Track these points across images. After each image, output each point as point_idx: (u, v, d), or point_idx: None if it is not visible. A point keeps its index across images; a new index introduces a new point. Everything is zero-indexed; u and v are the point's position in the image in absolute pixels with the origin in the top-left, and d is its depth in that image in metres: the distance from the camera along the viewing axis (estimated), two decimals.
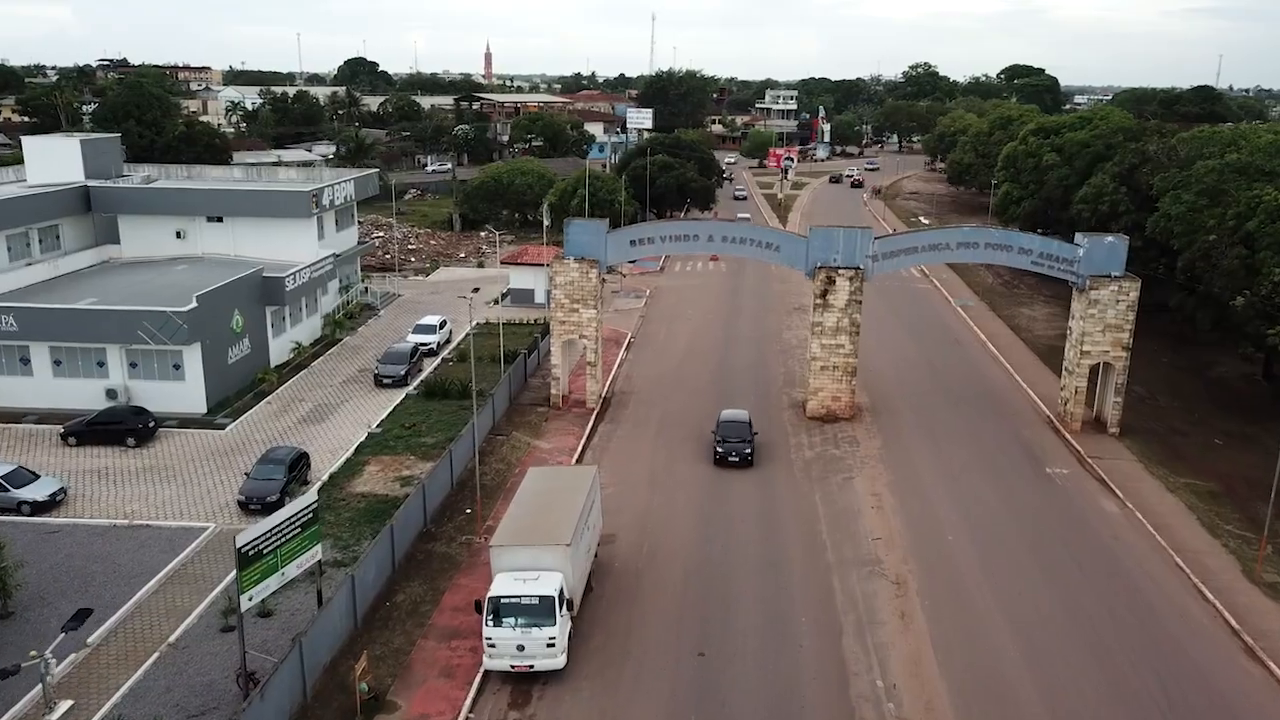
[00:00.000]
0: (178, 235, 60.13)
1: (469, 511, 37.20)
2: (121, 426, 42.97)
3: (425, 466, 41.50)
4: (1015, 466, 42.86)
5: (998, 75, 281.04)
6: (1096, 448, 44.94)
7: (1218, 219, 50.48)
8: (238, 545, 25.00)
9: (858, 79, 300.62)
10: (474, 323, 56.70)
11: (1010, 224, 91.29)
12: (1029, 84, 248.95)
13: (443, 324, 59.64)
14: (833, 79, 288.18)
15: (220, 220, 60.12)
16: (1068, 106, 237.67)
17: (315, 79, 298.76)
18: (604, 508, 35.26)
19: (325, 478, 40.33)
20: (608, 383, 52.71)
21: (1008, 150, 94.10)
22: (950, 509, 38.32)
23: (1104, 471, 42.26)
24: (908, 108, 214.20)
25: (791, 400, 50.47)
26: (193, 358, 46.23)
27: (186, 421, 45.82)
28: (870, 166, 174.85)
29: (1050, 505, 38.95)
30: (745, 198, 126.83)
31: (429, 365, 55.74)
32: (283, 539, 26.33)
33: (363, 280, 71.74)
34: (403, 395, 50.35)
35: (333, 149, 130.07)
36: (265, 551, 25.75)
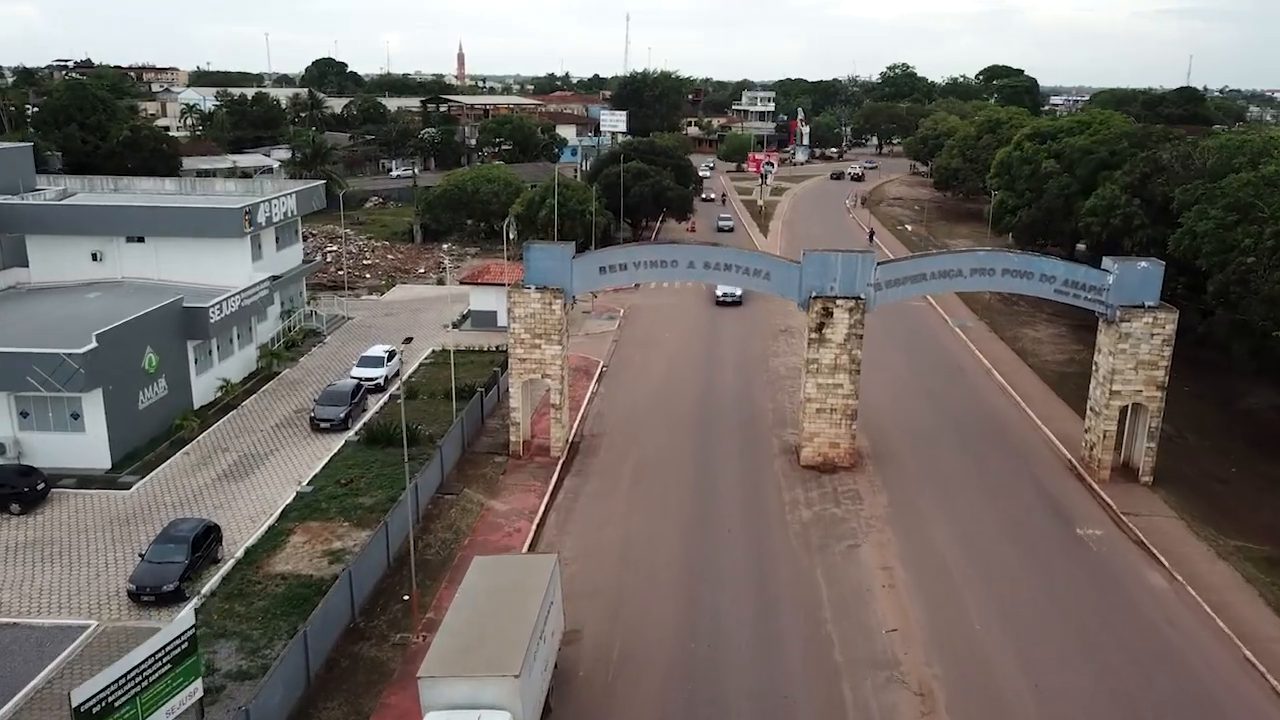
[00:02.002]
0: (94, 257, 53.67)
1: (406, 598, 31.23)
2: (3, 490, 36.64)
3: (360, 536, 35.55)
4: (1042, 527, 37.39)
5: (976, 76, 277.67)
6: (1129, 501, 39.58)
7: (1254, 238, 45.34)
8: (74, 703, 18.96)
9: (834, 80, 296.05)
10: (431, 350, 50.98)
11: (1004, 235, 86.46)
12: (1008, 85, 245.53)
13: (391, 355, 53.46)
14: (809, 80, 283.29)
15: (142, 240, 53.71)
16: (1045, 108, 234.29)
17: (284, 80, 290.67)
18: (568, 590, 29.54)
19: (241, 553, 34.19)
20: (575, 423, 46.85)
21: (1002, 156, 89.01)
22: (975, 587, 32.76)
23: (1142, 533, 36.88)
24: (887, 109, 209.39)
25: (783, 444, 44.80)
26: (93, 405, 39.93)
27: (86, 479, 39.52)
28: (869, 165, 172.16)
29: (1089, 579, 33.45)
30: (731, 228, 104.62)
31: (376, 403, 49.66)
32: (143, 683, 20.30)
33: (309, 302, 65.43)
34: (342, 442, 44.27)
35: (289, 154, 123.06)
36: (118, 704, 19.71)
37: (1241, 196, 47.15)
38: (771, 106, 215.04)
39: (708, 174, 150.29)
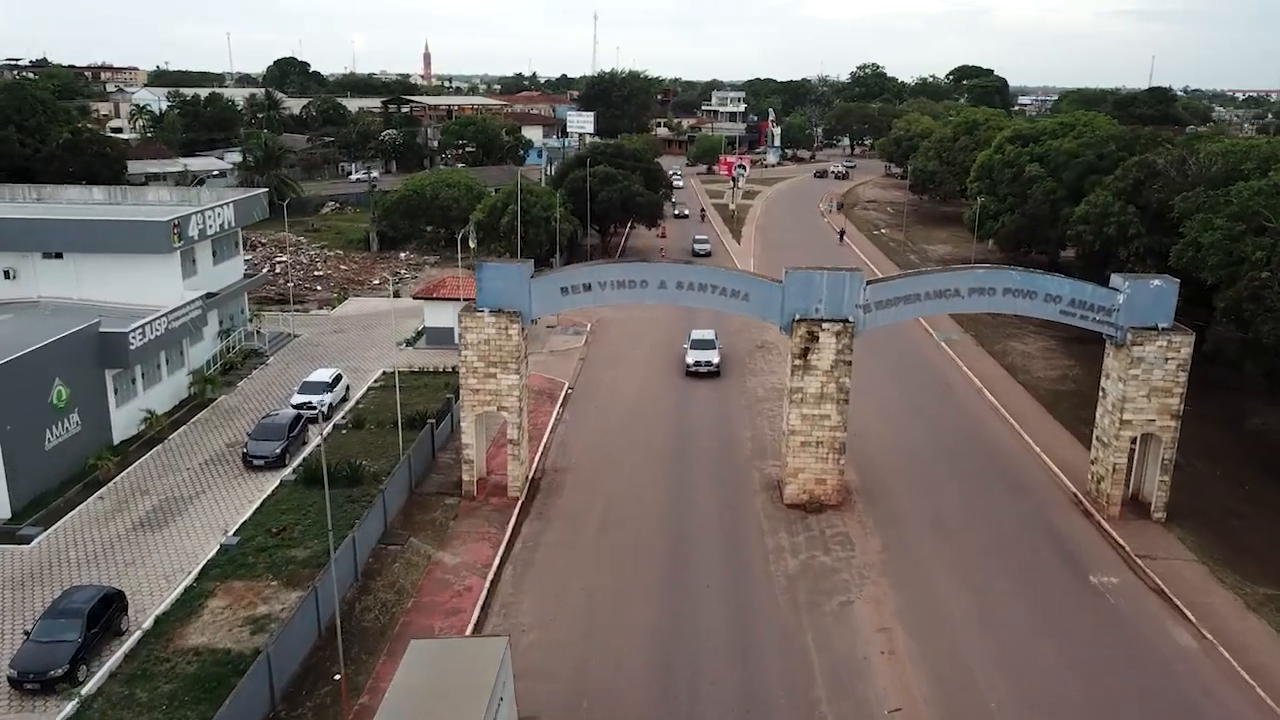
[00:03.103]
0: (6, 275, 48.90)
1: (337, 678, 27.03)
2: None
3: (290, 598, 31.36)
4: (1052, 575, 33.81)
5: (946, 76, 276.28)
6: (1143, 542, 36.13)
7: (1266, 251, 42.16)
8: None
9: (804, 79, 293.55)
10: (382, 371, 46.77)
11: (984, 241, 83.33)
12: (979, 85, 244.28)
13: (336, 380, 49.14)
14: (779, 79, 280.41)
15: (60, 257, 49.00)
16: (1015, 108, 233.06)
17: (247, 79, 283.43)
18: (523, 668, 25.77)
19: (149, 623, 29.84)
20: (537, 457, 42.79)
21: (982, 159, 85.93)
22: (984, 652, 29.07)
23: (1162, 579, 33.42)
24: (859, 109, 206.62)
25: (764, 479, 40.98)
26: None
27: None
28: (849, 165, 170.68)
29: (1112, 641, 29.87)
30: (708, 253, 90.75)
31: (321, 432, 45.19)
32: None
33: (251, 319, 60.80)
34: (277, 481, 39.90)
35: (243, 156, 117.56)
36: None
37: (1252, 205, 43.99)
38: (742, 107, 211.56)
39: (679, 184, 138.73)
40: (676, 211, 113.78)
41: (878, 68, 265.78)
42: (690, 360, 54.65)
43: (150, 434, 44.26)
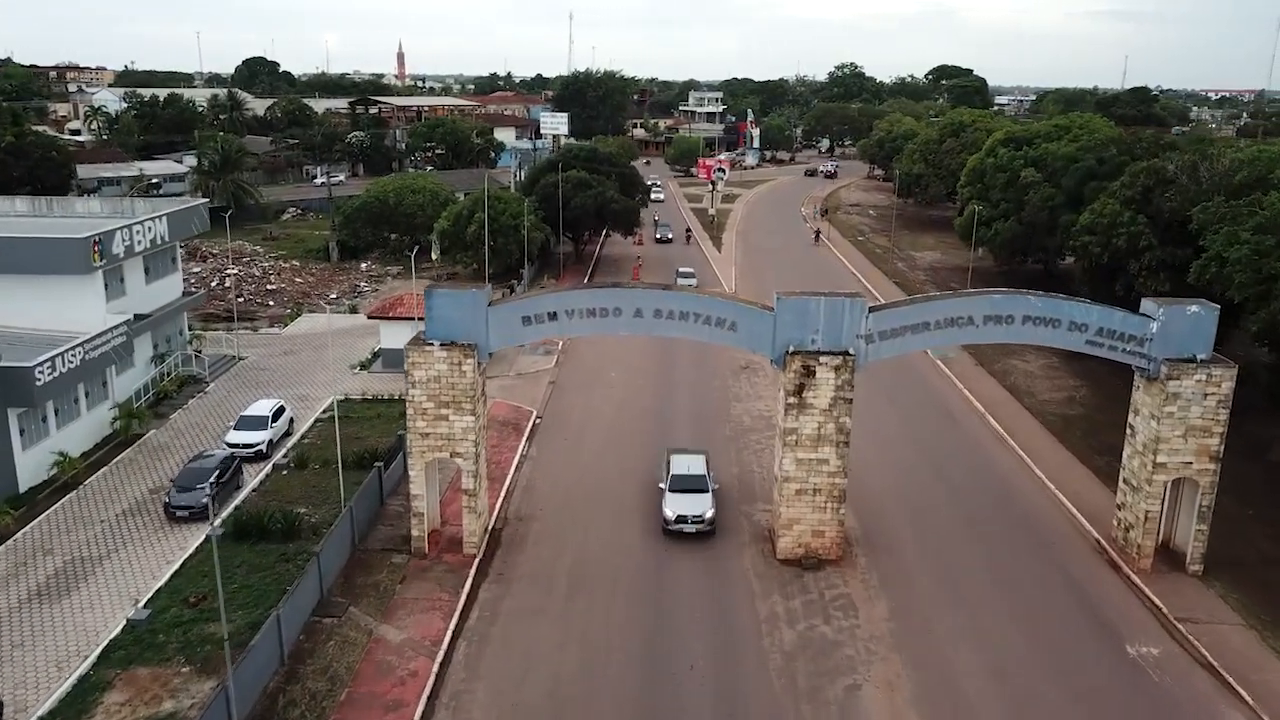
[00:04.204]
0: None
1: None
2: None
3: (204, 689, 26.70)
4: (1085, 645, 29.64)
5: (925, 76, 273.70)
6: (1182, 601, 32.04)
7: None
8: None
9: (781, 79, 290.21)
10: (333, 399, 42.03)
11: (975, 249, 79.43)
12: (958, 85, 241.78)
13: (278, 413, 44.36)
14: (756, 79, 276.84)
15: None
16: (995, 108, 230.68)
17: (216, 79, 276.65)
18: None
19: None
20: (499, 502, 38.24)
21: (973, 163, 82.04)
22: None
23: (1209, 650, 29.31)
24: (839, 110, 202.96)
25: (754, 528, 36.60)
26: None
27: None
28: (835, 165, 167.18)
29: None
30: (694, 285, 71.13)
31: (258, 474, 40.55)
32: None
33: (191, 341, 55.84)
34: (202, 536, 35.10)
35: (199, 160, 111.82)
36: None
37: None
38: (720, 107, 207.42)
39: (659, 194, 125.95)
40: (659, 234, 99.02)
41: (856, 67, 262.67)
42: (670, 512, 35.38)
43: (63, 479, 39.31)
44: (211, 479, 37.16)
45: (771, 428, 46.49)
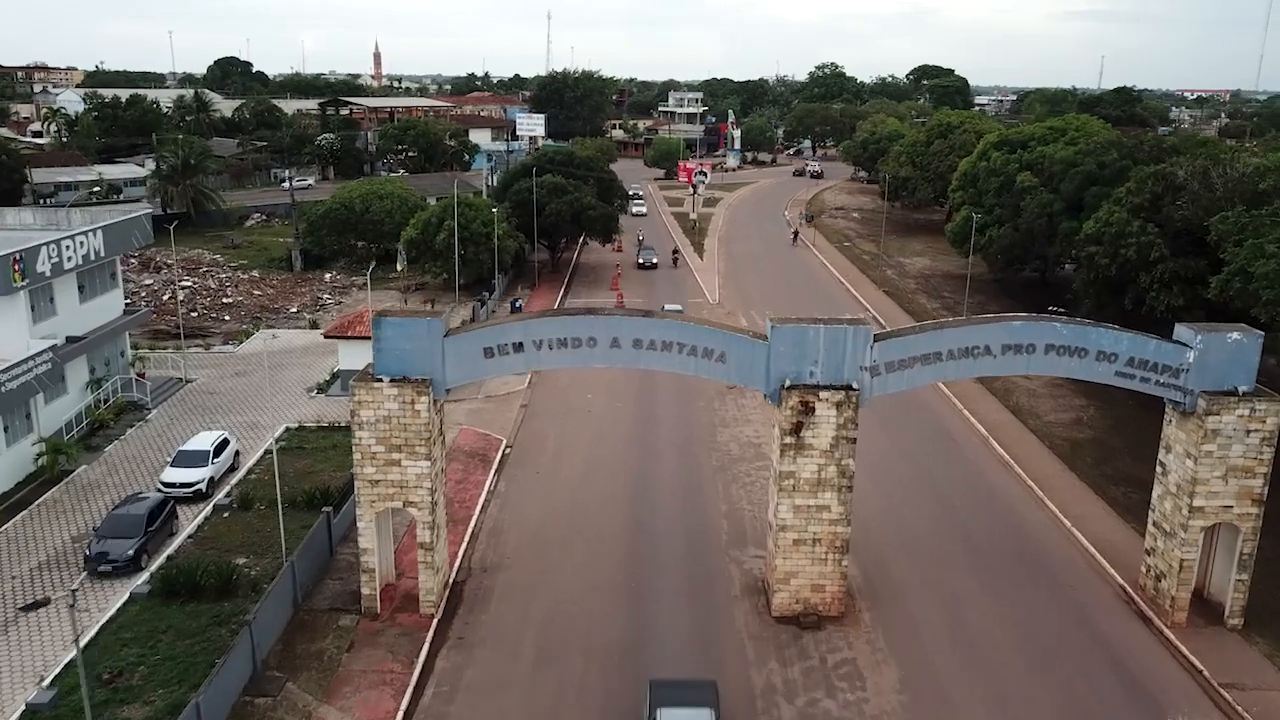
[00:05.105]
0: None
1: None
2: None
3: None
4: (1121, 717, 26.25)
5: (907, 76, 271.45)
6: (1223, 661, 28.72)
7: None
8: None
9: (761, 79, 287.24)
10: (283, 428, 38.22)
11: (967, 256, 76.21)
12: (939, 85, 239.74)
13: (222, 445, 40.38)
14: (736, 80, 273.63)
15: None
16: (975, 107, 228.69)
17: (189, 80, 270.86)
18: None
19: None
20: (462, 549, 34.50)
21: (965, 166, 78.92)
22: None
23: None
24: (820, 110, 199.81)
25: (745, 578, 33.01)
26: None
27: None
28: (819, 166, 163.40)
29: None
30: (679, 307, 65.12)
31: (196, 517, 36.63)
32: None
33: (133, 363, 51.71)
34: (127, 595, 31.16)
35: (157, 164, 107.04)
36: None
37: None
38: (700, 108, 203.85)
39: (640, 206, 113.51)
40: (642, 259, 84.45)
41: (836, 67, 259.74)
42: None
43: None
44: (142, 527, 33.24)
45: (761, 456, 43.09)
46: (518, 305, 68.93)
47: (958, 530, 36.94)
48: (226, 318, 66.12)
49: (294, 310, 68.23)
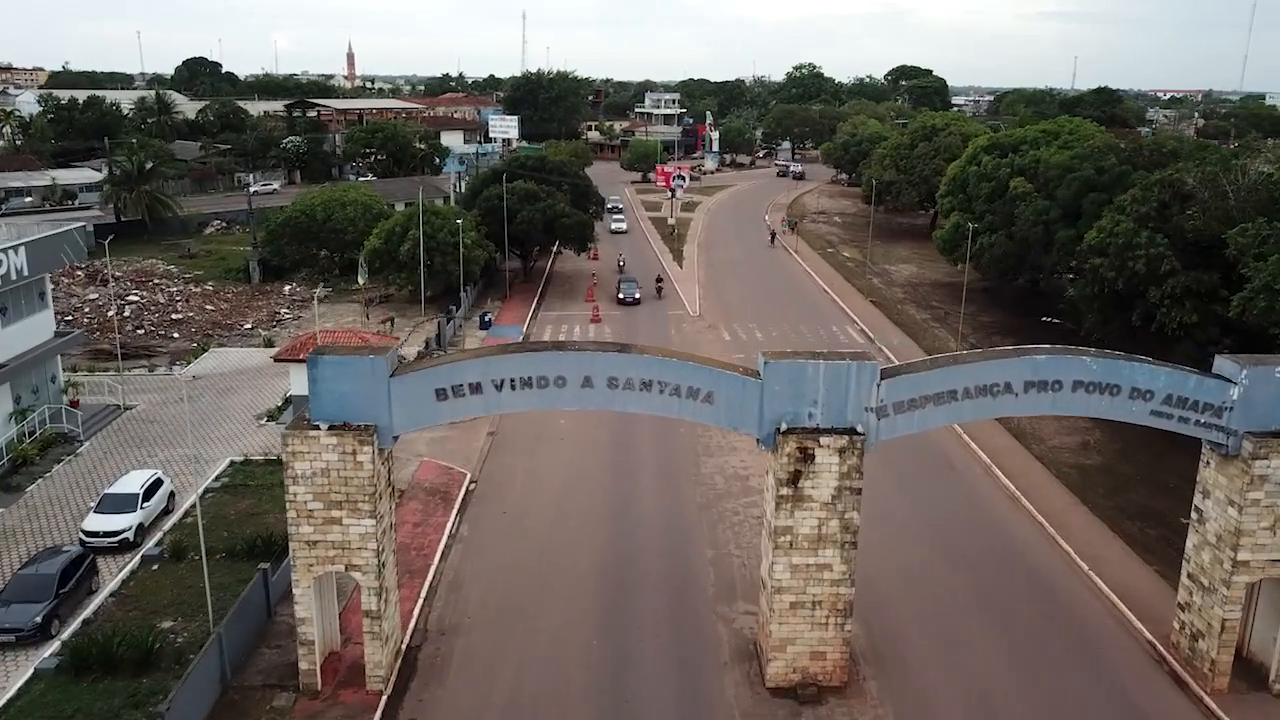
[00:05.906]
0: None
1: None
2: None
3: None
4: None
5: (885, 76, 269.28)
6: None
7: None
8: None
9: (739, 80, 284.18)
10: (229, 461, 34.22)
11: (958, 265, 73.23)
12: (917, 85, 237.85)
13: (154, 487, 36.42)
14: (713, 80, 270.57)
15: None
16: (953, 108, 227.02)
17: (158, 80, 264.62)
18: None
19: None
20: (418, 607, 30.82)
21: (954, 171, 75.94)
22: None
23: None
24: (799, 111, 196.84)
25: (735, 639, 29.51)
26: None
27: None
28: (800, 167, 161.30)
29: None
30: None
31: (124, 568, 32.74)
32: None
33: (66, 389, 47.63)
34: (31, 670, 27.29)
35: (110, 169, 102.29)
36: None
37: None
38: (677, 109, 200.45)
39: (621, 222, 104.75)
40: (622, 294, 72.32)
41: (814, 68, 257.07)
42: None
43: None
44: (52, 589, 29.37)
45: (749, 491, 39.71)
46: (487, 319, 65.24)
47: (965, 577, 33.62)
48: (175, 335, 61.93)
49: (248, 326, 64.10)
